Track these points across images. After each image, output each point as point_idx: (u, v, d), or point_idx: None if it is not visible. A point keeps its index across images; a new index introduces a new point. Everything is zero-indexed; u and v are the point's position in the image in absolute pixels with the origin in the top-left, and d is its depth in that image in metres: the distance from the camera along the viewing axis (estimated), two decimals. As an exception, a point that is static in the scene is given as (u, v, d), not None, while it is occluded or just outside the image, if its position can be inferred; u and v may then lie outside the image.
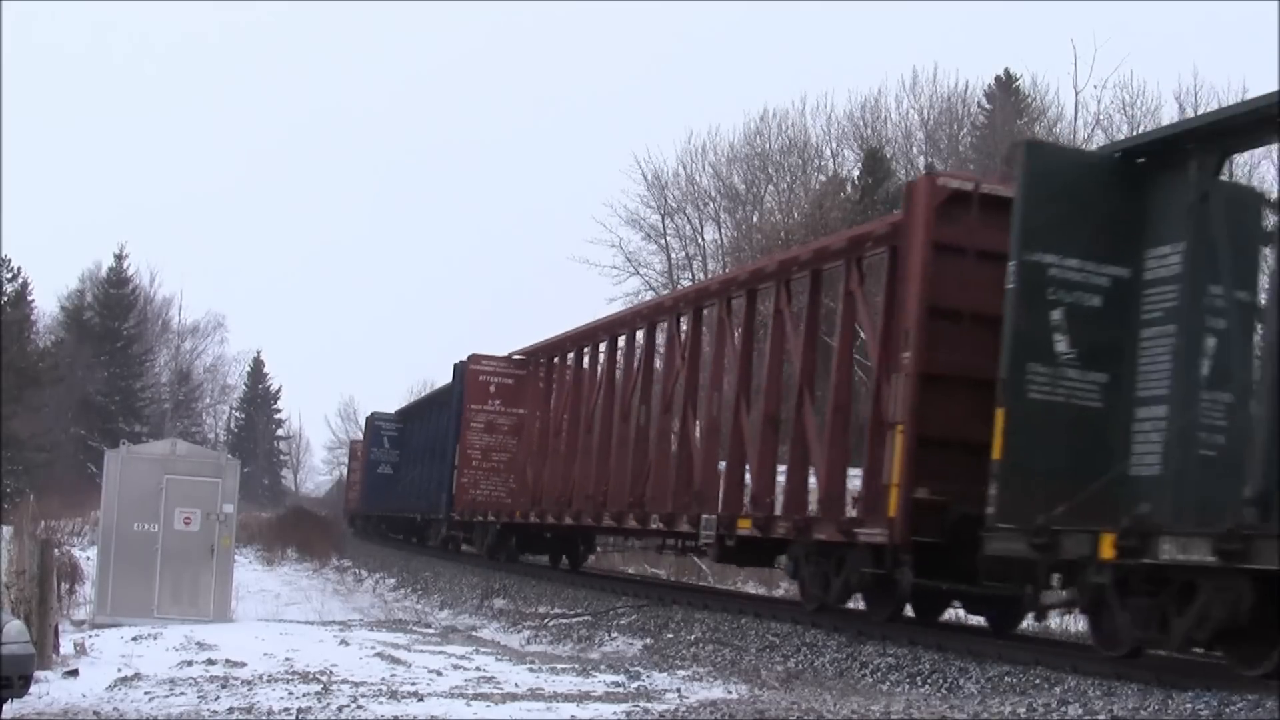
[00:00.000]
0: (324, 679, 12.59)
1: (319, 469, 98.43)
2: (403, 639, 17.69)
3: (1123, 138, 32.02)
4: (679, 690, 11.97)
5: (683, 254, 54.16)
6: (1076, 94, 47.63)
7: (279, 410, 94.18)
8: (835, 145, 51.54)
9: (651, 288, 51.44)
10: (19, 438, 48.30)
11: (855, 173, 47.44)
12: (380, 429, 48.04)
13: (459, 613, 23.22)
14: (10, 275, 58.67)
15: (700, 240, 53.96)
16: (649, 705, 10.71)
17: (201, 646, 15.61)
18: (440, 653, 15.71)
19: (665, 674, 13.31)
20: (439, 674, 13.31)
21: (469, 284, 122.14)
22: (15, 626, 10.48)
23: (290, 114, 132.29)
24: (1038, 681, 10.88)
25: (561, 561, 27.14)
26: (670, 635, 16.53)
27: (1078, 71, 70.43)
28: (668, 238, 54.51)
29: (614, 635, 17.49)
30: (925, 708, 9.37)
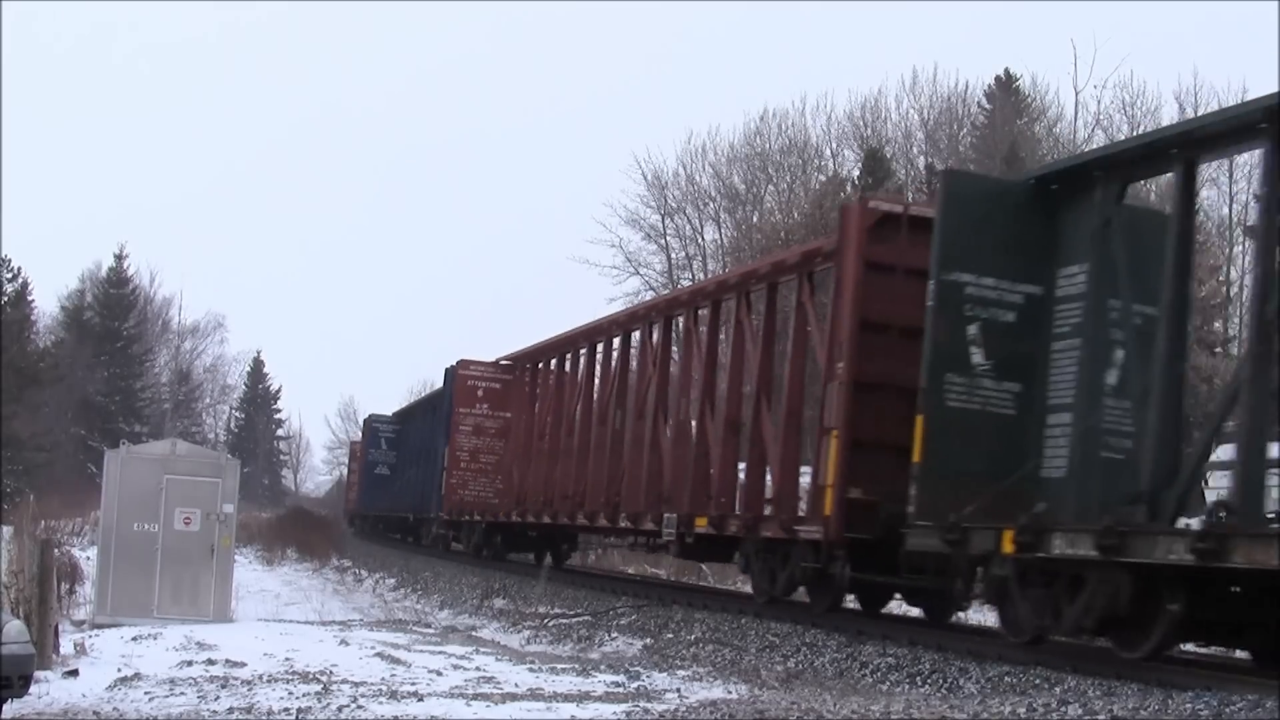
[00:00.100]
0: (324, 679, 12.58)
1: (319, 469, 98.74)
2: (402, 639, 17.68)
3: (1122, 138, 32.08)
4: (679, 690, 11.97)
5: (683, 254, 54.25)
6: (1076, 94, 47.87)
7: (279, 410, 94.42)
8: (835, 145, 51.68)
9: (651, 288, 51.48)
10: (19, 438, 48.31)
11: (855, 173, 47.46)
12: (378, 430, 48.25)
13: (459, 613, 23.22)
14: (10, 275, 58.72)
15: (700, 240, 54.04)
16: (649, 705, 10.71)
17: (201, 646, 15.59)
18: (440, 653, 15.71)
19: (665, 674, 13.31)
20: (439, 674, 13.31)
21: (469, 284, 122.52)
22: (15, 626, 10.48)
23: (290, 114, 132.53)
24: (1038, 681, 10.89)
25: (546, 559, 27.32)
26: (670, 635, 16.54)
27: (1078, 71, 70.47)
28: (668, 238, 54.57)
29: (614, 635, 17.50)
30: (925, 708, 9.37)
